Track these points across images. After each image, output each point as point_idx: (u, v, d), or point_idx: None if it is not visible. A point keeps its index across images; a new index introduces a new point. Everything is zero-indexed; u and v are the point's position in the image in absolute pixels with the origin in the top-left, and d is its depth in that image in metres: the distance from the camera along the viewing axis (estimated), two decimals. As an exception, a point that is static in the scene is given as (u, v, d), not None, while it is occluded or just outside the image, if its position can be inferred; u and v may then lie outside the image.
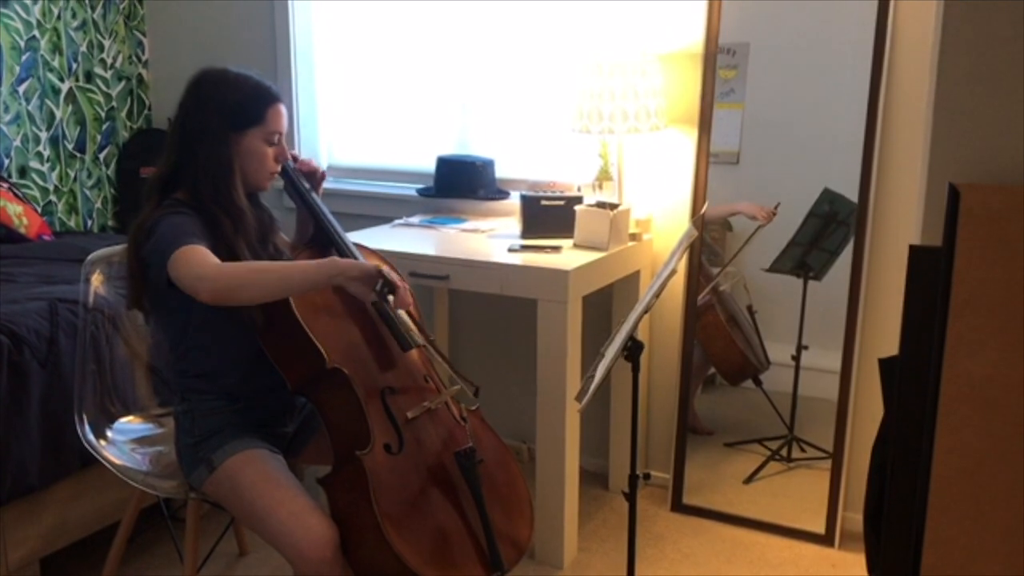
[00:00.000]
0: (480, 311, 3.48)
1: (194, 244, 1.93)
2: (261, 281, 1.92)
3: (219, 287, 1.88)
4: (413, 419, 2.10)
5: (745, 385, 3.23)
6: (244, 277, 1.92)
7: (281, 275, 1.94)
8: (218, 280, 1.88)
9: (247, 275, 1.92)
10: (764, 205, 3.02)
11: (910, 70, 2.72)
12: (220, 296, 1.89)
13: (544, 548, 2.82)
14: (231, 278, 1.90)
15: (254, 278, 1.92)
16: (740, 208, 3.08)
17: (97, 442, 2.34)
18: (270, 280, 1.93)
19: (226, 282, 1.89)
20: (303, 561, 1.94)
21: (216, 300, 1.89)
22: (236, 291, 1.90)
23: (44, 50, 3.73)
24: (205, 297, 1.88)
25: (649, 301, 2.14)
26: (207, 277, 1.88)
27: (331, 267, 1.95)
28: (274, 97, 2.12)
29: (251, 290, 1.92)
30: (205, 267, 1.90)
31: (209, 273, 1.89)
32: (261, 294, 1.93)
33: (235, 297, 1.91)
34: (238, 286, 1.90)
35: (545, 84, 3.34)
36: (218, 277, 1.89)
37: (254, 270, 1.95)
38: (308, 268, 1.96)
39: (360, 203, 3.59)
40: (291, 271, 1.96)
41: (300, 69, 3.75)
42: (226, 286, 1.89)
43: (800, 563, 2.84)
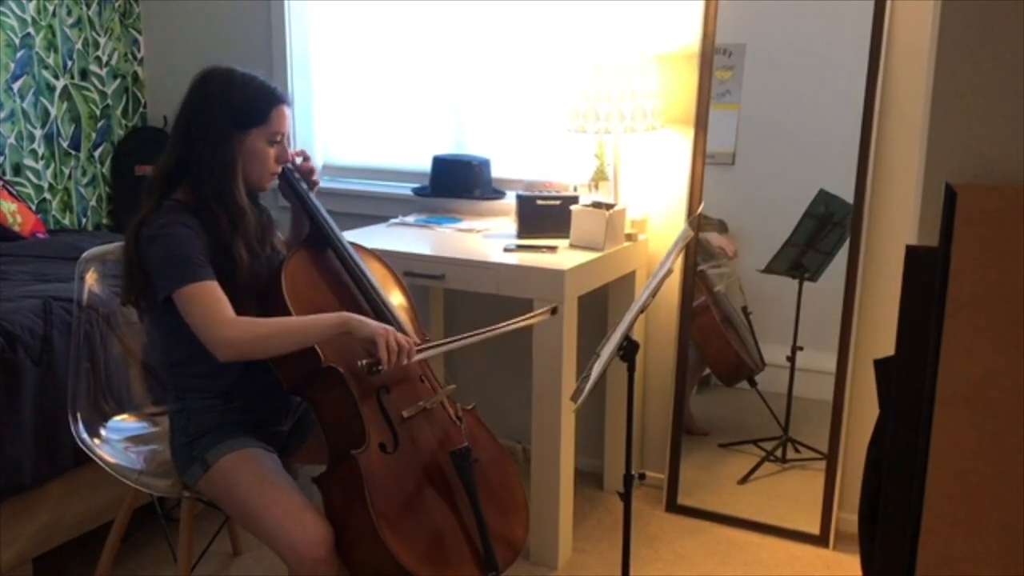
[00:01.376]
0: (476, 311, 3.48)
1: (204, 281, 1.97)
2: (275, 344, 1.99)
3: (236, 353, 1.98)
4: (408, 418, 2.10)
5: (740, 386, 3.23)
6: (260, 341, 1.98)
7: (294, 335, 1.99)
8: (234, 346, 1.96)
9: (262, 339, 1.98)
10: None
11: (906, 71, 2.73)
12: (236, 359, 2.00)
13: (539, 548, 2.82)
14: (246, 344, 1.97)
15: (268, 342, 1.98)
16: (709, 239, 3.10)
17: (91, 440, 2.33)
18: (284, 341, 1.99)
19: (244, 348, 1.97)
20: (298, 560, 1.93)
21: (231, 360, 1.98)
22: (252, 353, 2.00)
23: (39, 47, 3.72)
24: (221, 359, 1.96)
25: (645, 300, 2.14)
26: (223, 343, 1.95)
27: (342, 325, 2.00)
28: (279, 98, 2.12)
29: (266, 351, 2.01)
30: (221, 328, 1.95)
31: (224, 338, 1.95)
32: (276, 352, 2.02)
33: (249, 357, 2.01)
34: (255, 350, 1.99)
35: (541, 84, 3.33)
36: (233, 343, 1.95)
37: (268, 334, 1.99)
38: (320, 327, 2.00)
39: (356, 202, 3.59)
40: (303, 330, 2.00)
41: (296, 67, 3.75)
42: (244, 351, 1.98)
43: (795, 564, 2.85)
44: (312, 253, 2.20)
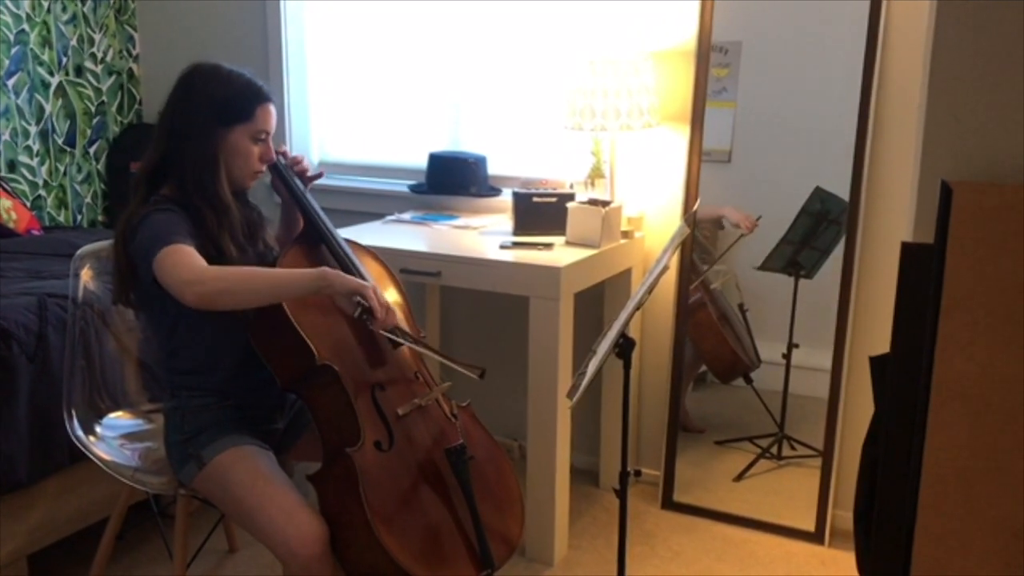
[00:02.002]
0: (472, 308, 3.48)
1: (179, 244, 1.92)
2: (249, 287, 1.91)
3: (206, 291, 1.87)
4: (403, 416, 2.09)
5: (736, 383, 3.23)
6: (232, 282, 1.90)
7: (270, 282, 1.93)
8: (205, 284, 1.87)
9: (235, 281, 1.91)
10: (753, 211, 3.03)
11: (902, 69, 2.73)
12: (206, 301, 1.88)
13: (535, 545, 2.82)
14: (218, 282, 1.89)
15: (242, 284, 1.91)
16: (725, 213, 3.09)
17: (86, 438, 2.33)
18: (259, 286, 1.92)
19: (213, 286, 1.88)
20: (293, 558, 1.93)
21: (202, 304, 1.89)
22: (223, 296, 1.89)
23: (34, 44, 3.71)
24: (191, 301, 1.87)
25: (641, 298, 2.14)
26: (194, 281, 1.87)
27: (321, 278, 1.94)
28: (264, 96, 2.11)
29: (238, 296, 1.91)
30: (192, 270, 1.88)
31: (195, 277, 1.87)
32: (249, 300, 1.93)
33: (221, 302, 1.90)
34: (225, 290, 1.89)
35: (538, 81, 3.33)
36: (205, 281, 1.87)
37: (243, 276, 1.93)
38: (297, 277, 1.95)
39: (352, 199, 3.58)
40: (280, 279, 1.95)
41: (292, 64, 3.74)
42: (214, 290, 1.88)
43: (790, 561, 2.85)
44: (306, 249, 2.20)
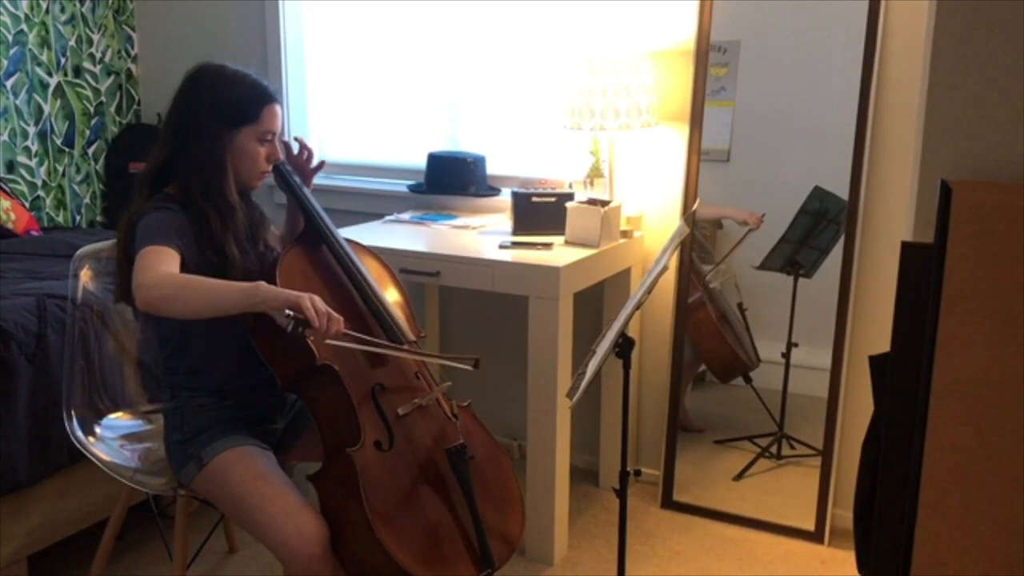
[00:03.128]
0: (471, 308, 3.48)
1: (159, 245, 1.91)
2: (187, 296, 1.87)
3: (149, 297, 1.85)
4: (404, 416, 2.09)
5: (735, 382, 3.23)
6: (169, 290, 1.86)
7: (205, 295, 1.88)
8: (149, 289, 1.85)
9: (175, 288, 1.87)
10: (753, 209, 3.03)
11: (901, 68, 2.73)
12: (149, 306, 1.86)
13: (534, 545, 2.82)
14: (159, 289, 1.85)
15: (180, 293, 1.86)
16: (729, 213, 3.09)
17: (85, 438, 2.33)
18: (194, 297, 1.87)
19: (156, 293, 1.85)
20: (293, 558, 1.93)
21: (146, 309, 1.88)
22: (162, 303, 1.86)
23: (32, 44, 3.70)
24: (138, 304, 1.87)
25: (641, 297, 2.14)
26: (142, 284, 1.86)
27: (252, 294, 1.87)
28: (271, 97, 2.11)
29: (177, 305, 1.87)
30: (146, 272, 1.86)
31: (144, 280, 1.86)
32: (188, 310, 1.88)
33: (164, 309, 1.87)
34: (165, 297, 1.86)
35: (536, 81, 3.33)
36: (150, 285, 1.85)
37: (183, 284, 1.88)
38: (231, 291, 1.89)
39: (351, 199, 3.58)
40: (215, 293, 1.88)
41: (290, 64, 3.74)
42: (156, 296, 1.85)
43: (790, 560, 2.85)
44: (307, 250, 2.20)
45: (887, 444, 1.47)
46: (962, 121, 1.42)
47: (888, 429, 1.47)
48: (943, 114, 1.43)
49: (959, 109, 1.42)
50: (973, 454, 1.33)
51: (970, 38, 1.41)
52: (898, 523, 1.43)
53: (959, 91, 1.42)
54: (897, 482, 1.44)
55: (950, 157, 1.42)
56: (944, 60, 1.42)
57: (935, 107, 1.44)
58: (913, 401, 1.40)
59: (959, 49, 1.41)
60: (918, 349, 1.38)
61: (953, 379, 1.32)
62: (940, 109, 1.43)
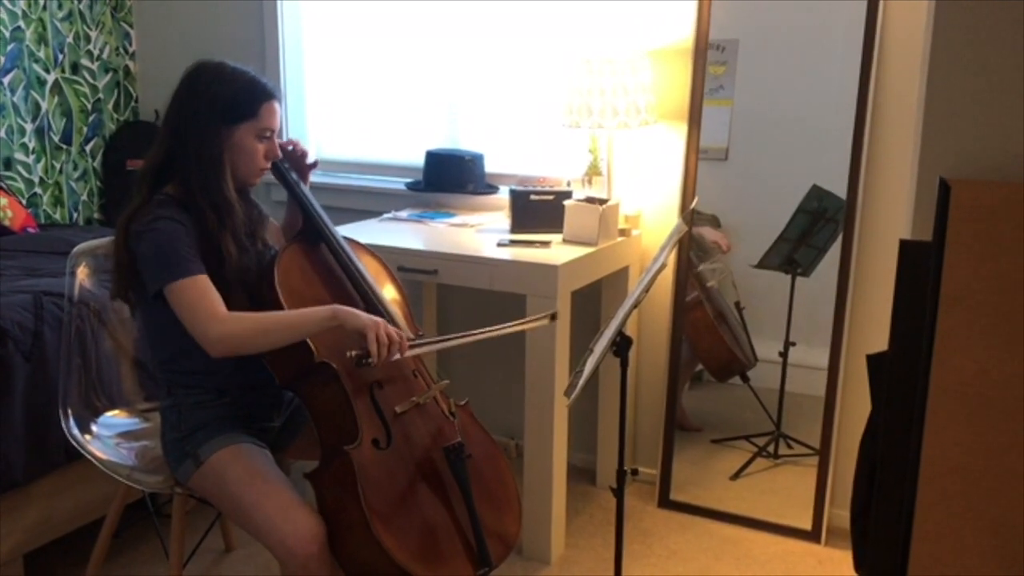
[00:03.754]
0: (469, 306, 3.47)
1: (194, 276, 1.96)
2: (267, 340, 1.99)
3: (228, 349, 1.96)
4: (401, 414, 2.09)
5: (732, 381, 3.23)
6: (251, 337, 1.97)
7: (285, 329, 1.99)
8: (226, 343, 1.95)
9: (254, 335, 1.97)
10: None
11: (899, 66, 2.73)
12: (229, 355, 1.97)
13: (532, 544, 2.82)
14: (238, 339, 1.96)
15: (260, 339, 1.98)
16: (704, 233, 3.10)
17: (82, 437, 2.32)
18: (275, 337, 1.98)
19: (236, 343, 1.96)
20: (290, 556, 1.93)
21: (223, 355, 1.96)
22: (243, 349, 1.98)
23: (30, 41, 3.70)
24: (213, 355, 1.95)
25: (639, 295, 2.14)
26: (215, 339, 1.94)
27: (332, 319, 1.98)
28: (269, 94, 2.11)
29: (258, 347, 1.99)
30: (212, 324, 1.94)
31: (216, 334, 1.94)
32: (268, 348, 2.00)
33: (242, 353, 1.98)
34: (246, 345, 1.98)
35: (535, 79, 3.33)
36: (225, 339, 1.94)
37: (260, 329, 1.98)
38: (311, 319, 1.99)
39: (349, 197, 3.58)
40: (294, 324, 2.00)
41: (289, 61, 3.73)
42: (236, 346, 1.97)
43: (787, 559, 2.85)
44: (305, 247, 2.20)
45: (885, 443, 1.47)
46: (961, 119, 1.42)
47: (886, 428, 1.47)
48: (942, 112, 1.43)
49: (958, 107, 1.42)
50: (971, 453, 1.33)
51: (969, 37, 1.40)
52: (896, 522, 1.43)
53: (958, 89, 1.42)
54: (895, 481, 1.44)
55: (949, 155, 1.42)
56: (943, 58, 1.42)
57: (934, 105, 1.44)
58: (911, 400, 1.40)
59: (958, 48, 1.41)
60: (916, 348, 1.38)
61: (951, 378, 1.32)
62: (939, 107, 1.43)
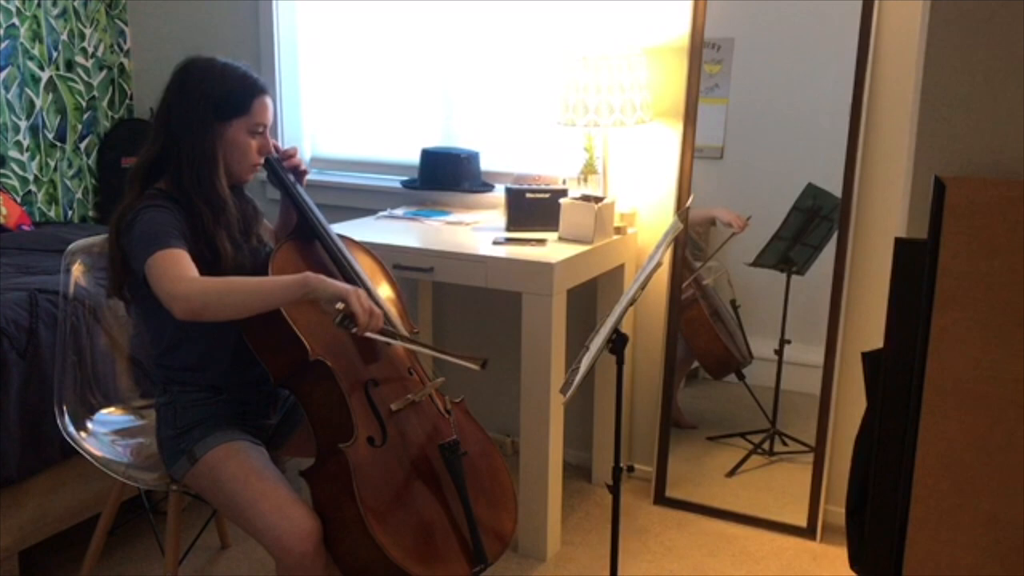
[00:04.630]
0: (464, 304, 3.47)
1: (172, 248, 1.92)
2: (232, 300, 1.90)
3: (192, 307, 1.87)
4: (397, 411, 2.09)
5: (728, 379, 3.24)
6: (215, 295, 1.89)
7: (252, 294, 1.92)
8: (189, 300, 1.87)
9: (218, 294, 1.90)
10: (745, 207, 3.03)
11: (894, 65, 2.73)
12: (192, 315, 1.88)
13: (527, 541, 2.82)
14: (203, 296, 1.88)
15: (226, 297, 1.90)
16: (717, 214, 3.09)
17: (77, 434, 2.32)
18: (241, 299, 1.91)
19: (198, 300, 1.87)
20: (286, 554, 1.93)
21: (188, 318, 1.88)
22: (207, 309, 1.88)
23: (24, 38, 3.69)
24: (178, 315, 1.87)
25: (635, 293, 2.14)
26: (179, 296, 1.86)
27: (303, 285, 1.92)
28: (260, 89, 2.10)
29: (223, 309, 1.90)
30: (179, 283, 1.88)
31: (181, 291, 1.87)
32: (233, 312, 1.92)
33: (207, 315, 1.89)
34: (209, 304, 1.88)
35: (530, 77, 3.33)
36: (190, 296, 1.87)
37: (226, 289, 1.92)
38: (280, 286, 1.93)
39: (344, 195, 3.57)
40: (263, 290, 1.93)
41: (283, 59, 3.73)
42: (199, 304, 1.87)
43: (782, 556, 2.86)
44: (300, 245, 2.19)
45: (880, 440, 1.47)
46: (956, 117, 1.42)
47: (881, 425, 1.47)
48: (937, 110, 1.43)
49: (953, 105, 1.42)
50: (966, 450, 1.33)
51: (964, 35, 1.41)
52: (891, 519, 1.44)
53: (953, 87, 1.42)
54: (890, 478, 1.44)
55: (944, 153, 1.43)
56: (938, 57, 1.43)
57: (929, 103, 1.44)
58: (906, 397, 1.40)
59: (953, 46, 1.42)
60: (912, 345, 1.39)
61: (946, 375, 1.33)
62: (934, 105, 1.43)
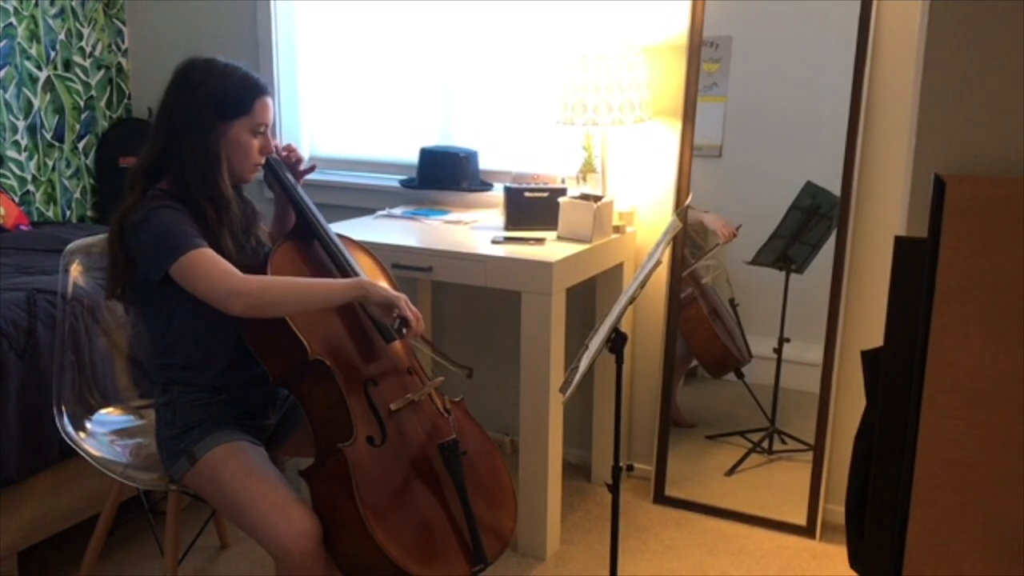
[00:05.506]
0: (464, 303, 3.47)
1: (200, 247, 1.95)
2: (291, 299, 1.98)
3: (255, 304, 1.93)
4: (396, 411, 2.09)
5: (727, 378, 3.24)
6: (275, 294, 1.96)
7: (311, 293, 2.00)
8: (251, 296, 1.93)
9: (279, 292, 1.97)
10: (728, 220, 3.03)
11: (893, 62, 2.73)
12: (257, 311, 1.95)
13: (527, 540, 2.82)
14: (264, 294, 1.95)
15: (285, 296, 1.97)
16: (706, 220, 3.09)
17: (76, 434, 2.32)
18: (300, 298, 1.99)
19: (260, 299, 1.94)
20: (285, 554, 1.93)
21: (250, 314, 1.95)
22: (274, 308, 1.96)
23: (21, 38, 3.68)
24: (238, 312, 1.93)
25: (634, 292, 2.14)
26: (239, 293, 1.92)
27: (359, 288, 2.02)
28: (262, 89, 2.11)
29: (282, 306, 1.97)
30: (231, 280, 1.93)
31: (239, 288, 1.92)
32: (291, 310, 1.99)
33: (268, 312, 1.96)
34: (271, 302, 1.96)
35: (529, 76, 3.32)
36: (251, 293, 1.93)
37: (284, 287, 1.99)
38: (336, 288, 2.02)
39: (343, 194, 3.57)
40: (320, 290, 2.02)
41: (282, 58, 3.72)
42: (263, 303, 1.94)
43: (781, 554, 2.86)
44: (298, 244, 2.19)
45: (880, 439, 1.47)
46: (956, 115, 1.42)
47: (881, 424, 1.47)
48: (937, 108, 1.43)
49: (953, 103, 1.42)
50: (966, 448, 1.33)
51: (964, 32, 1.41)
52: (891, 518, 1.44)
53: (953, 85, 1.42)
54: (890, 477, 1.44)
55: (943, 151, 1.42)
56: (937, 54, 1.42)
57: (928, 101, 1.44)
58: (906, 396, 1.40)
59: (953, 43, 1.41)
60: (911, 344, 1.39)
61: (946, 373, 1.33)
62: (934, 103, 1.43)
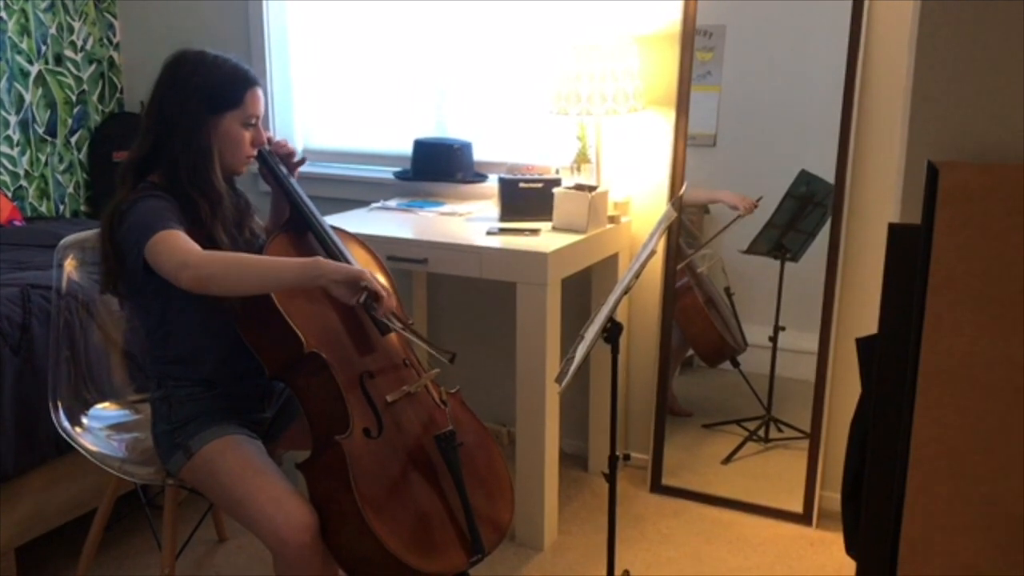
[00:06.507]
0: (459, 294, 3.47)
1: (172, 229, 1.92)
2: (244, 274, 1.92)
3: (202, 275, 1.88)
4: (392, 403, 2.09)
5: (723, 366, 3.24)
6: (228, 267, 1.91)
7: (265, 270, 1.94)
8: (200, 268, 1.88)
9: (231, 266, 1.92)
10: (745, 194, 3.02)
11: (887, 50, 2.73)
12: (202, 284, 1.89)
13: (524, 530, 2.83)
14: (211, 266, 1.90)
15: (237, 270, 1.91)
16: (721, 197, 3.09)
17: (72, 429, 2.32)
18: (254, 273, 1.92)
19: (209, 270, 1.89)
20: (283, 547, 1.93)
21: (196, 287, 1.89)
22: (218, 280, 1.90)
23: (12, 32, 3.66)
24: (186, 284, 1.88)
25: (629, 282, 2.14)
26: (190, 264, 1.88)
27: (315, 268, 1.93)
28: (252, 81, 2.10)
29: (233, 281, 1.91)
30: (188, 254, 1.89)
31: (192, 260, 1.88)
32: (243, 286, 1.93)
33: (216, 286, 1.91)
34: (217, 274, 1.90)
35: (523, 66, 3.32)
36: (200, 265, 1.88)
37: (238, 262, 1.94)
38: (292, 266, 1.95)
39: (337, 187, 3.57)
40: (275, 267, 1.95)
41: (274, 50, 3.71)
42: (209, 274, 1.89)
43: (778, 542, 2.87)
44: (292, 237, 2.19)
45: (875, 426, 1.47)
46: (948, 102, 1.42)
47: (876, 411, 1.47)
48: (929, 95, 1.43)
49: (946, 90, 1.42)
50: (961, 435, 1.34)
51: (957, 20, 1.41)
52: (886, 504, 1.44)
53: (946, 72, 1.42)
54: (885, 464, 1.45)
55: (936, 138, 1.42)
56: (931, 41, 1.42)
57: (921, 88, 1.44)
58: (901, 383, 1.40)
59: (946, 31, 1.41)
60: (906, 331, 1.39)
61: (941, 360, 1.33)
62: (926, 90, 1.43)
